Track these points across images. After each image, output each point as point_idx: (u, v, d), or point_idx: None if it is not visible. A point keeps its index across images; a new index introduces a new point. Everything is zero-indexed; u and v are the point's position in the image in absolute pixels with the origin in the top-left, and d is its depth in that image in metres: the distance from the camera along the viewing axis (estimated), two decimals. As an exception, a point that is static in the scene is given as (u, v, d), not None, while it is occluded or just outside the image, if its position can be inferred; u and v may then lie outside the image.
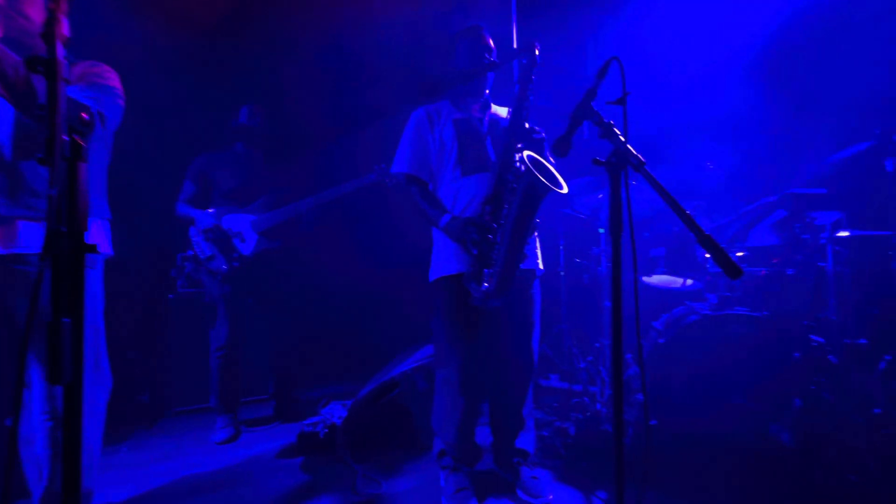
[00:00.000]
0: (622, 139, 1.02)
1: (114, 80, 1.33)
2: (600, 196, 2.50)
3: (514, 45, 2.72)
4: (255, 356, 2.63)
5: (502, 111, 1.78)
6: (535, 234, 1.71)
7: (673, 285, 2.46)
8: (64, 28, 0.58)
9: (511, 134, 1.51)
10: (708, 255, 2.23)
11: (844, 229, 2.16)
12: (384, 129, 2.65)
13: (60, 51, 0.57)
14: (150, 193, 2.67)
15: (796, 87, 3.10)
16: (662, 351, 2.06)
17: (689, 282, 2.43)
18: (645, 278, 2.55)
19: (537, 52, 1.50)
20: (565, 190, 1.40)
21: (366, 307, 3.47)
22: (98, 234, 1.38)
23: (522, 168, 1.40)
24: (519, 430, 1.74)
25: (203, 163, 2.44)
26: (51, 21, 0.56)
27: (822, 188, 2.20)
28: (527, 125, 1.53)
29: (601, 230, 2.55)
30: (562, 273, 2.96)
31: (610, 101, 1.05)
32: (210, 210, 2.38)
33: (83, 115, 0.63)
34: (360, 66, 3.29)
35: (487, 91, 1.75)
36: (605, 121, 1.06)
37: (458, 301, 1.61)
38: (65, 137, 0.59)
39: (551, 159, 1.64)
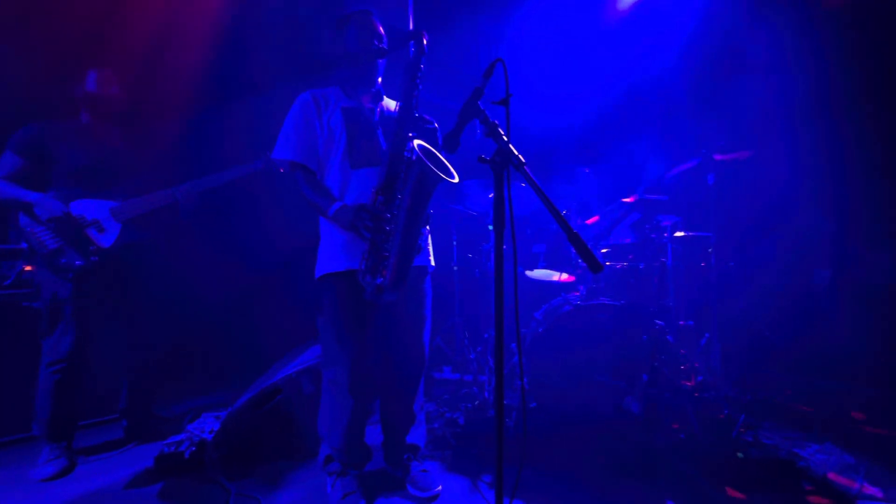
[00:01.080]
0: (505, 139, 1.06)
1: None
2: (490, 195, 2.63)
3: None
4: (99, 369, 2.18)
5: (393, 104, 1.74)
6: (428, 229, 1.72)
7: (551, 279, 2.71)
8: None
9: (401, 122, 1.48)
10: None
11: (680, 230, 2.60)
12: (264, 106, 2.39)
13: None
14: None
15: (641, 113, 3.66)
16: (542, 338, 2.25)
17: (565, 276, 2.69)
18: (528, 272, 2.76)
19: (425, 42, 1.48)
20: (456, 179, 1.42)
21: (247, 306, 3.13)
22: None
23: (413, 157, 1.39)
24: (410, 426, 1.74)
25: (36, 133, 1.94)
26: None
27: (665, 195, 2.63)
28: (417, 114, 1.52)
29: (490, 227, 2.69)
30: (455, 268, 3.05)
31: (495, 101, 1.09)
32: (51, 193, 1.92)
33: None
34: (235, 31, 2.91)
35: (379, 80, 1.69)
36: (491, 120, 1.09)
37: (346, 298, 1.53)
38: None
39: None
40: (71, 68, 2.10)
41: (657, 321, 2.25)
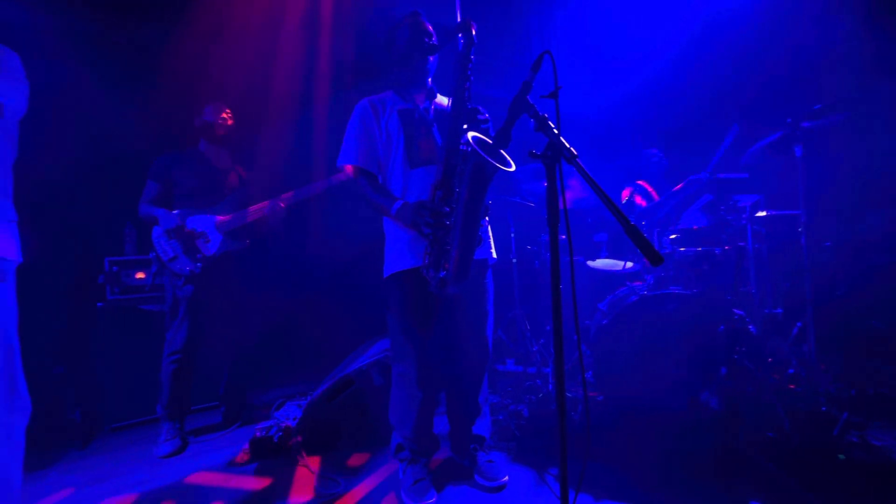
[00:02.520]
0: (556, 132, 1.05)
1: (16, 63, 1.18)
2: (545, 184, 2.58)
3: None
4: (203, 361, 2.49)
5: (446, 101, 1.78)
6: (488, 222, 1.74)
7: (615, 268, 2.60)
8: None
9: (455, 116, 1.50)
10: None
11: (762, 210, 2.37)
12: (341, 121, 2.57)
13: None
14: (68, 192, 2.44)
15: (720, 78, 3.34)
16: (607, 330, 2.18)
17: (630, 264, 2.58)
18: (590, 262, 2.67)
19: (474, 32, 1.48)
20: (513, 168, 1.41)
21: (321, 304, 3.38)
22: (3, 240, 1.24)
23: (468, 149, 1.40)
24: (475, 417, 1.78)
25: (166, 162, 2.31)
26: None
27: (743, 173, 2.41)
28: (470, 106, 1.53)
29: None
30: (514, 260, 3.04)
31: (544, 95, 1.08)
32: (175, 211, 2.26)
33: None
34: (308, 57, 3.16)
35: (430, 79, 1.73)
36: (541, 114, 1.08)
37: (412, 296, 1.60)
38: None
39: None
40: (190, 104, 2.43)
41: (736, 310, 2.08)
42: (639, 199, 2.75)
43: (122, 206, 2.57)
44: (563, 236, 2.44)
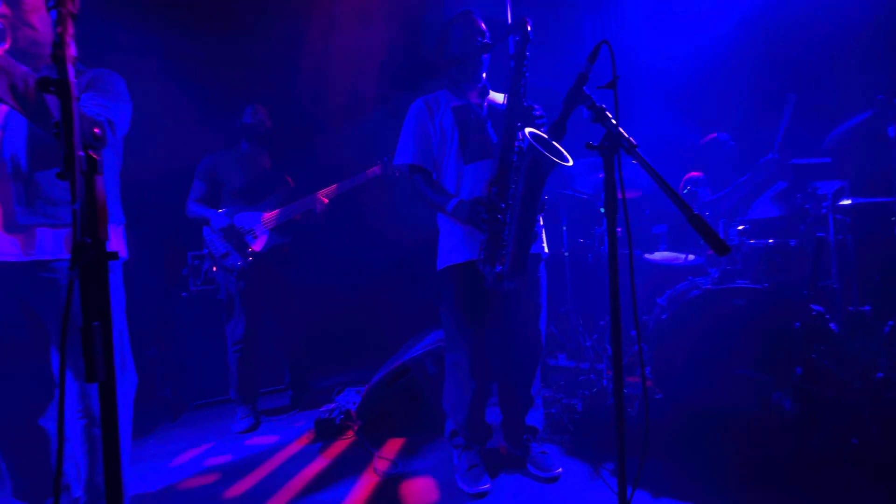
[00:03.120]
0: (614, 122, 1.04)
1: (121, 86, 1.36)
2: (601, 176, 2.51)
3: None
4: (270, 348, 2.71)
5: (500, 97, 1.79)
6: (541, 218, 1.74)
7: (676, 261, 2.49)
8: (72, 49, 0.61)
9: (510, 113, 1.51)
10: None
11: (846, 197, 2.16)
12: (384, 118, 2.66)
13: (70, 71, 0.60)
14: (155, 194, 2.72)
15: (793, 56, 3.05)
16: (666, 326, 2.10)
17: (692, 257, 2.45)
18: (647, 255, 2.57)
19: (529, 28, 1.49)
20: (570, 163, 1.41)
21: (375, 296, 3.53)
22: (116, 240, 1.43)
23: (525, 145, 1.42)
24: (528, 409, 1.80)
25: (211, 163, 2.48)
26: (59, 44, 0.59)
27: (826, 158, 2.20)
28: (526, 103, 1.54)
29: (602, 210, 2.57)
30: (566, 254, 2.99)
31: (601, 86, 1.07)
32: (222, 209, 2.43)
33: (96, 130, 0.67)
34: (357, 58, 3.29)
35: (484, 75, 1.75)
36: (598, 105, 1.07)
37: (465, 288, 1.65)
38: (80, 153, 0.63)
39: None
40: (233, 106, 2.62)
41: (814, 306, 1.92)
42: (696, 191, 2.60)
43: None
44: (620, 229, 2.36)
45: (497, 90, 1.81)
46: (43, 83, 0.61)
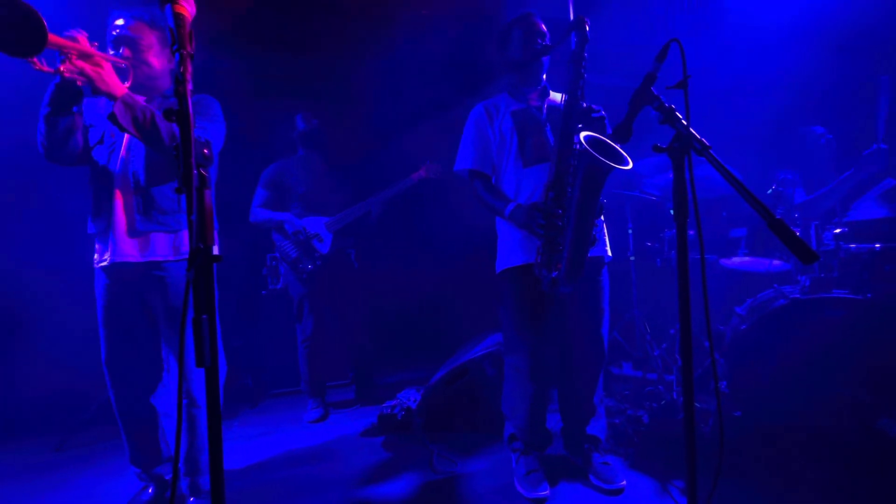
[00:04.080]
0: (685, 123, 1.00)
1: (216, 109, 1.56)
2: (671, 176, 2.38)
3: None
4: (336, 345, 2.88)
5: (559, 97, 1.77)
6: (602, 219, 1.70)
7: (757, 267, 2.29)
8: (190, 85, 0.72)
9: (567, 116, 1.50)
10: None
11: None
12: (442, 123, 2.72)
13: (189, 104, 0.71)
14: (234, 199, 3.01)
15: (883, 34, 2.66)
16: (746, 337, 1.94)
17: (777, 263, 2.24)
18: (724, 261, 2.39)
19: (588, 28, 1.47)
20: (630, 166, 1.37)
21: (436, 297, 3.62)
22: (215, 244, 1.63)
23: (581, 149, 1.40)
24: (590, 417, 1.76)
25: (273, 171, 2.65)
26: (182, 81, 0.71)
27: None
28: (584, 104, 1.52)
29: (672, 211, 2.43)
30: (632, 258, 2.86)
31: (670, 86, 1.03)
32: (289, 214, 2.60)
33: (205, 150, 0.79)
34: (414, 63, 3.38)
35: (544, 76, 1.74)
36: (667, 105, 1.04)
37: (524, 291, 1.65)
38: (195, 171, 0.74)
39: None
40: (289, 115, 2.79)
41: (933, 322, 1.67)
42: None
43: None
44: (691, 232, 2.23)
45: (558, 90, 1.79)
46: (168, 113, 0.73)
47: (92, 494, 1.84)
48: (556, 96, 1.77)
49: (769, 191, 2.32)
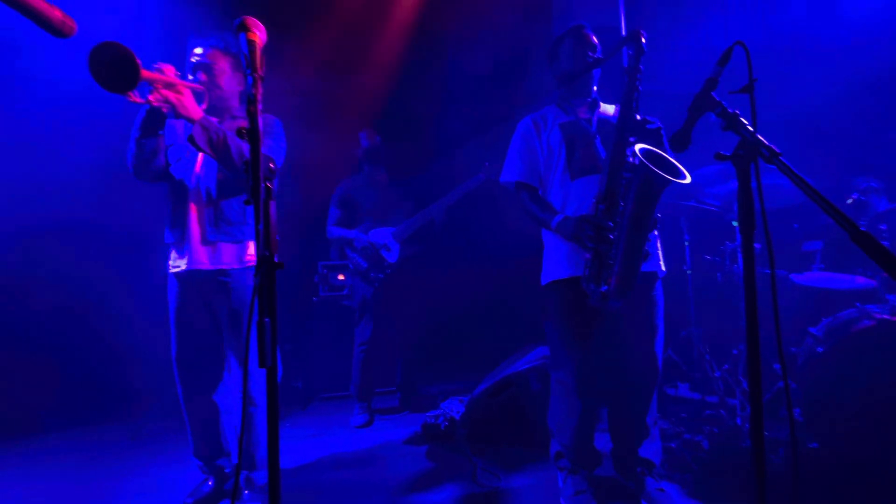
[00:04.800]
0: (751, 129, 0.94)
1: (278, 128, 1.68)
2: (732, 185, 2.23)
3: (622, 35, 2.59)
4: (387, 353, 2.95)
5: (611, 109, 1.73)
6: (657, 234, 1.63)
7: (835, 283, 2.08)
8: (260, 105, 0.79)
9: (621, 128, 1.46)
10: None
11: None
12: (495, 133, 2.76)
13: (260, 123, 0.77)
14: (295, 212, 3.18)
15: None
16: (823, 361, 1.77)
17: (860, 279, 2.03)
18: (796, 276, 2.20)
19: (644, 41, 1.44)
20: (688, 180, 1.31)
21: (482, 308, 3.62)
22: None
23: (636, 162, 1.35)
24: (643, 439, 1.67)
25: (343, 190, 2.83)
26: (254, 102, 0.77)
27: None
28: (638, 117, 1.48)
29: (735, 223, 2.28)
30: (688, 271, 2.70)
31: (734, 91, 0.98)
32: (359, 228, 2.77)
33: (271, 165, 0.85)
34: (467, 78, 3.47)
35: (595, 88, 1.71)
36: (730, 111, 0.98)
37: (569, 304, 1.61)
38: (263, 184, 0.80)
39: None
40: (353, 135, 2.94)
41: None
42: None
43: (324, 222, 3.27)
44: (758, 244, 2.07)
45: (608, 101, 1.75)
46: (240, 132, 0.79)
47: (159, 482, 1.99)
48: (608, 108, 1.73)
49: (849, 200, 2.11)
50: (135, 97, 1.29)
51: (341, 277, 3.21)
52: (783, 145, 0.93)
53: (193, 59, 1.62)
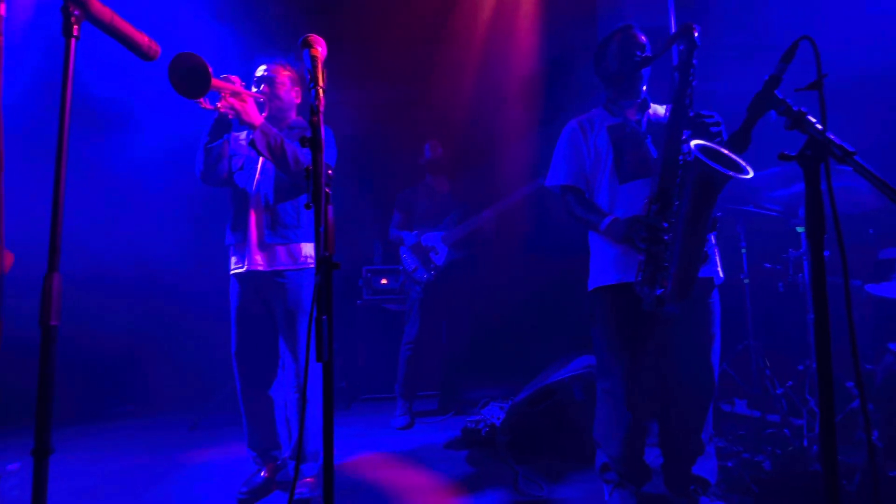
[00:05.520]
0: (820, 128, 0.89)
1: (329, 137, 1.78)
2: (795, 188, 2.09)
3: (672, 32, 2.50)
4: (431, 355, 2.99)
5: (662, 109, 1.68)
6: (716, 235, 1.55)
7: (920, 296, 1.89)
8: (322, 116, 0.84)
9: (674, 125, 1.41)
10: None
11: None
12: (545, 140, 2.77)
13: (322, 133, 0.83)
14: (341, 218, 3.31)
15: None
16: (905, 381, 1.61)
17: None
18: (871, 287, 2.02)
19: (696, 35, 1.38)
20: (750, 175, 1.24)
21: (525, 314, 3.60)
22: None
23: (691, 159, 1.30)
24: (697, 455, 1.58)
25: (404, 196, 3.00)
26: (317, 112, 0.83)
27: None
28: (692, 113, 1.42)
29: (799, 229, 2.13)
30: (745, 280, 2.55)
31: (800, 88, 0.93)
32: (413, 231, 2.91)
33: (329, 171, 0.91)
34: (519, 84, 3.50)
35: (644, 88, 1.67)
36: (796, 109, 0.93)
37: (617, 311, 1.56)
38: (324, 190, 0.85)
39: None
40: (419, 146, 3.05)
41: None
42: None
43: (372, 228, 3.38)
44: (827, 252, 1.92)
45: (657, 101, 1.70)
46: (303, 141, 0.85)
47: (216, 471, 2.11)
48: (658, 108, 1.68)
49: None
50: (205, 104, 1.43)
51: (384, 281, 3.30)
52: (856, 144, 0.87)
53: (258, 74, 1.77)
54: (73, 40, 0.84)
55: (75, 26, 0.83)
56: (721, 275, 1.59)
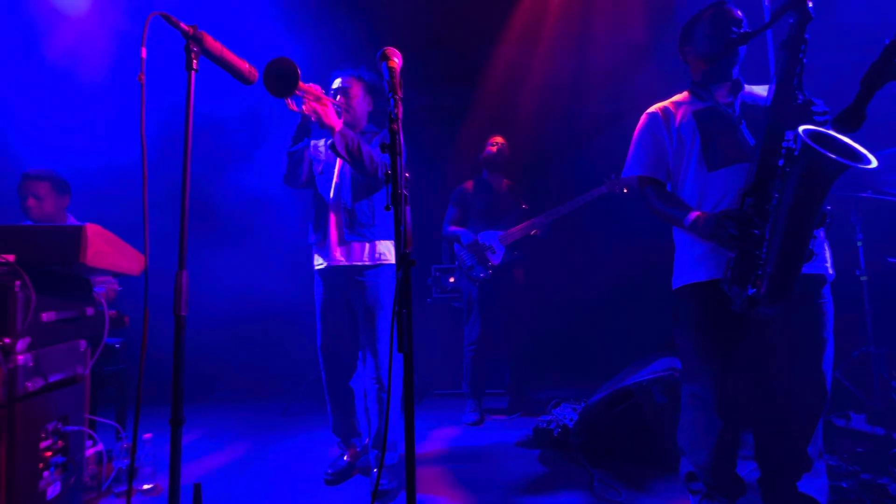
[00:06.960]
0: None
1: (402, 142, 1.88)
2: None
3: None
4: (497, 354, 3.00)
5: (760, 90, 1.52)
6: (825, 233, 1.38)
7: None
8: (400, 125, 0.90)
9: (777, 108, 1.26)
10: None
11: None
12: (613, 137, 2.67)
13: (401, 138, 0.88)
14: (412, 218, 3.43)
15: None
16: None
17: None
18: None
19: (810, 5, 1.21)
20: (873, 164, 1.08)
21: (599, 314, 3.47)
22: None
23: (798, 145, 1.16)
24: (802, 472, 1.42)
25: (460, 191, 3.01)
26: (395, 121, 0.89)
27: None
28: (801, 97, 1.26)
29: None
30: (863, 278, 2.23)
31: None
32: (470, 228, 2.92)
33: (406, 174, 0.96)
34: (586, 80, 3.40)
35: (737, 69, 1.52)
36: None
37: (706, 311, 1.45)
38: (402, 192, 0.90)
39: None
40: (478, 142, 3.08)
41: None
42: None
43: (438, 227, 3.46)
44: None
45: (753, 83, 1.54)
46: (383, 147, 0.91)
47: (305, 453, 2.31)
48: (756, 89, 1.52)
49: None
50: (292, 105, 1.58)
51: (452, 280, 3.36)
52: None
53: (334, 86, 1.92)
54: (192, 73, 0.98)
55: (195, 60, 0.97)
56: (831, 271, 1.41)
